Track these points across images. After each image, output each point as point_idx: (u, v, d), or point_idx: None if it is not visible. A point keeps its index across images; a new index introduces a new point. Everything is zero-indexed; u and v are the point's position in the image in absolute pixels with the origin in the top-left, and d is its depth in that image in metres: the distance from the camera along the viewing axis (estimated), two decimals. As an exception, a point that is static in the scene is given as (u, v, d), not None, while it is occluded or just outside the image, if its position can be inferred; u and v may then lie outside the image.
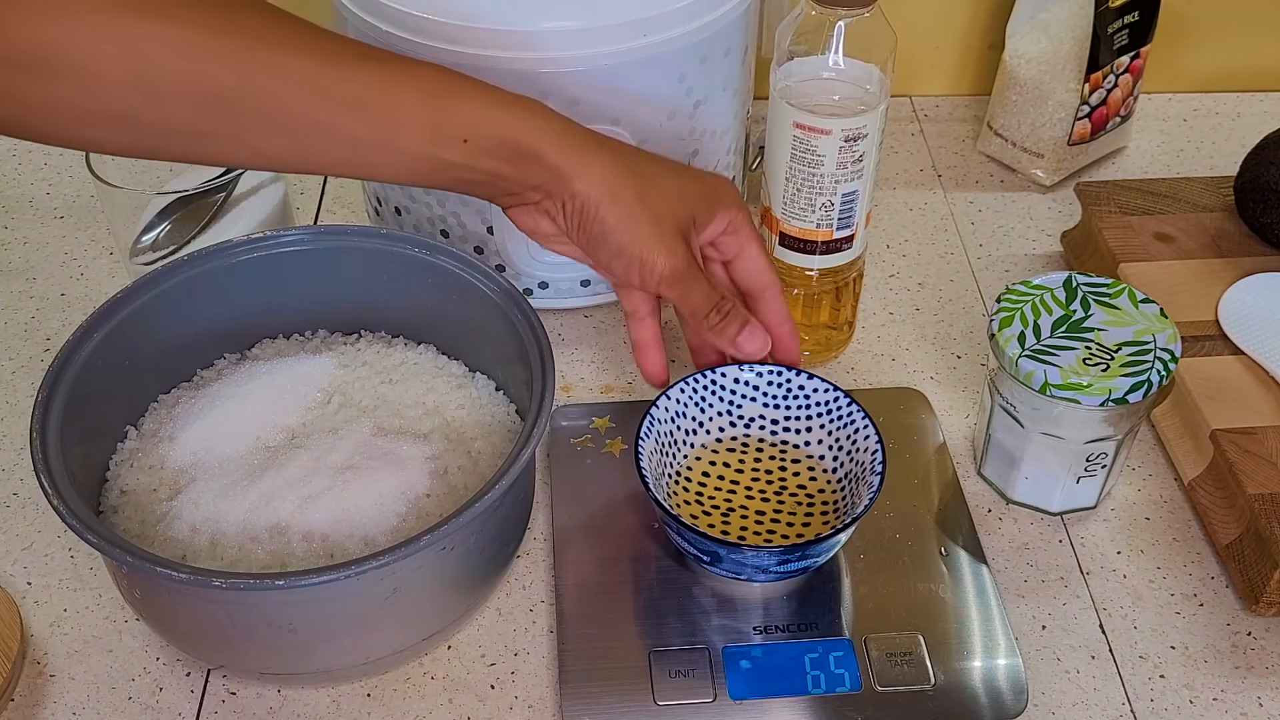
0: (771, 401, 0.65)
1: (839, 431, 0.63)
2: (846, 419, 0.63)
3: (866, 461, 0.61)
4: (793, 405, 0.65)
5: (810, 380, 0.64)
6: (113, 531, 0.55)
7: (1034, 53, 0.86)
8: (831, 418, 0.64)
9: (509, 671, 0.60)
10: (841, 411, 0.63)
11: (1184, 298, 0.73)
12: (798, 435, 0.65)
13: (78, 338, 0.61)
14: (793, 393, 0.64)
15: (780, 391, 0.65)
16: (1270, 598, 0.61)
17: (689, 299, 0.60)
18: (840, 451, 0.63)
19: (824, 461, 0.64)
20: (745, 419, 0.65)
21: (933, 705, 0.58)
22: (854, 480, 0.62)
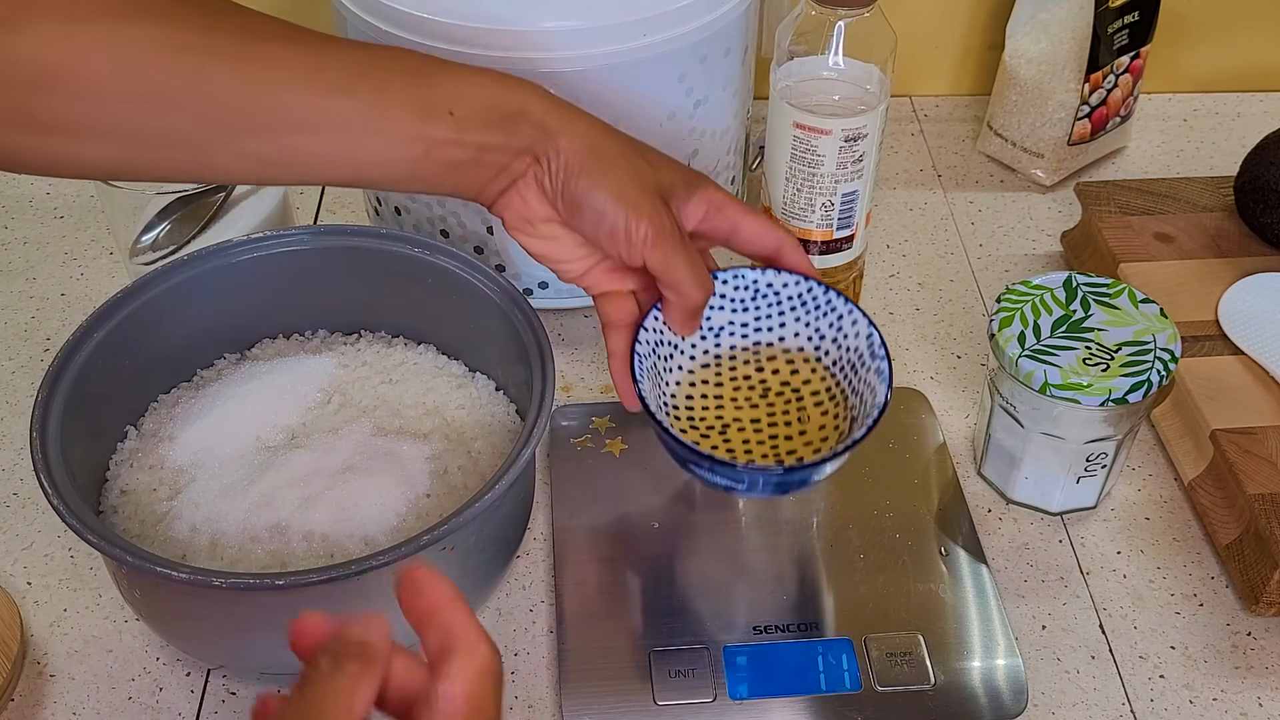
0: (739, 305, 0.62)
1: (818, 321, 0.62)
2: (825, 307, 0.61)
3: (862, 348, 0.60)
4: (762, 305, 0.62)
5: (779, 275, 0.61)
6: (113, 531, 0.55)
7: (1034, 53, 0.86)
8: (808, 309, 0.62)
9: (509, 671, 0.60)
10: (818, 300, 0.61)
11: (1184, 298, 0.73)
12: (770, 333, 0.63)
13: (78, 338, 0.61)
14: (760, 292, 0.62)
15: (748, 294, 0.62)
16: (1270, 598, 0.61)
17: (672, 266, 0.57)
18: (824, 340, 0.62)
19: (804, 352, 0.62)
20: (715, 330, 0.63)
21: (933, 705, 0.58)
22: (851, 368, 0.60)
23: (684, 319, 0.60)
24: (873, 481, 0.68)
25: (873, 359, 0.59)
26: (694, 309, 0.59)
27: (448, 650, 0.41)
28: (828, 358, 0.62)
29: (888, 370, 0.58)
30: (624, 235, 0.56)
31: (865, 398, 0.59)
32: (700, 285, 0.58)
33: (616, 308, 0.61)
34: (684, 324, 0.60)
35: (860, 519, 0.66)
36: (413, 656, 0.42)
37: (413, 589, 0.42)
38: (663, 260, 0.57)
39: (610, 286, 0.61)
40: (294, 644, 0.42)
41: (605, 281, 0.61)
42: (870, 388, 0.59)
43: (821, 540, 0.65)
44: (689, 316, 0.60)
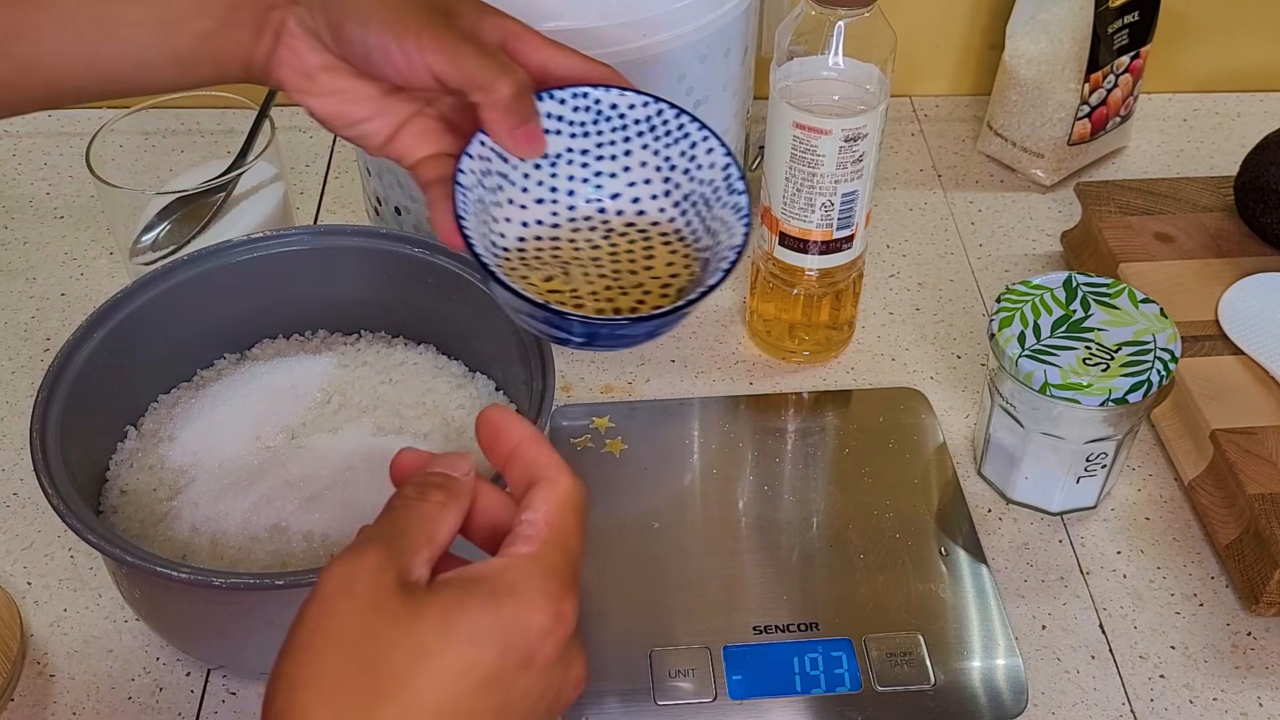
0: (579, 129, 0.55)
1: (669, 149, 0.55)
2: (678, 133, 0.55)
3: (717, 181, 0.54)
4: (605, 129, 0.55)
5: (625, 95, 0.54)
6: (113, 531, 0.55)
7: (1034, 53, 0.86)
8: (657, 135, 0.55)
9: (509, 671, 0.60)
10: (669, 125, 0.55)
11: (1184, 298, 0.73)
12: (614, 161, 0.56)
13: (78, 338, 0.61)
14: (604, 114, 0.54)
15: (588, 116, 0.54)
16: (1270, 598, 0.61)
17: (462, 60, 0.50)
18: (674, 170, 0.55)
19: (650, 184, 0.56)
20: (551, 159, 0.55)
21: (932, 705, 0.58)
22: (705, 202, 0.55)
23: (505, 122, 0.51)
24: (873, 481, 0.68)
25: (729, 193, 0.53)
26: (508, 104, 0.51)
27: (532, 483, 0.42)
28: (678, 191, 0.55)
29: (746, 207, 0.53)
30: (397, 47, 0.50)
31: (721, 237, 0.53)
32: (504, 72, 0.50)
33: (434, 165, 0.53)
34: (508, 130, 0.51)
35: (860, 519, 0.66)
36: (498, 490, 0.43)
37: (492, 430, 0.43)
38: (450, 59, 0.50)
39: (425, 150, 0.54)
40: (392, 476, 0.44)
41: (417, 145, 0.54)
42: (726, 226, 0.53)
43: (821, 540, 0.65)
44: (508, 116, 0.51)
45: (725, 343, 0.78)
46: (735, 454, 0.69)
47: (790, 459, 0.69)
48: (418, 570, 0.39)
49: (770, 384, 0.75)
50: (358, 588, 0.38)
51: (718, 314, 0.80)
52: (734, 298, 0.81)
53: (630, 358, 0.76)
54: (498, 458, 0.43)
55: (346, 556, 0.38)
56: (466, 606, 0.38)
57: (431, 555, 0.40)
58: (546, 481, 0.42)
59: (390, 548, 0.39)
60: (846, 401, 0.73)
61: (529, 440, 0.43)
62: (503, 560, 0.40)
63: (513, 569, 0.39)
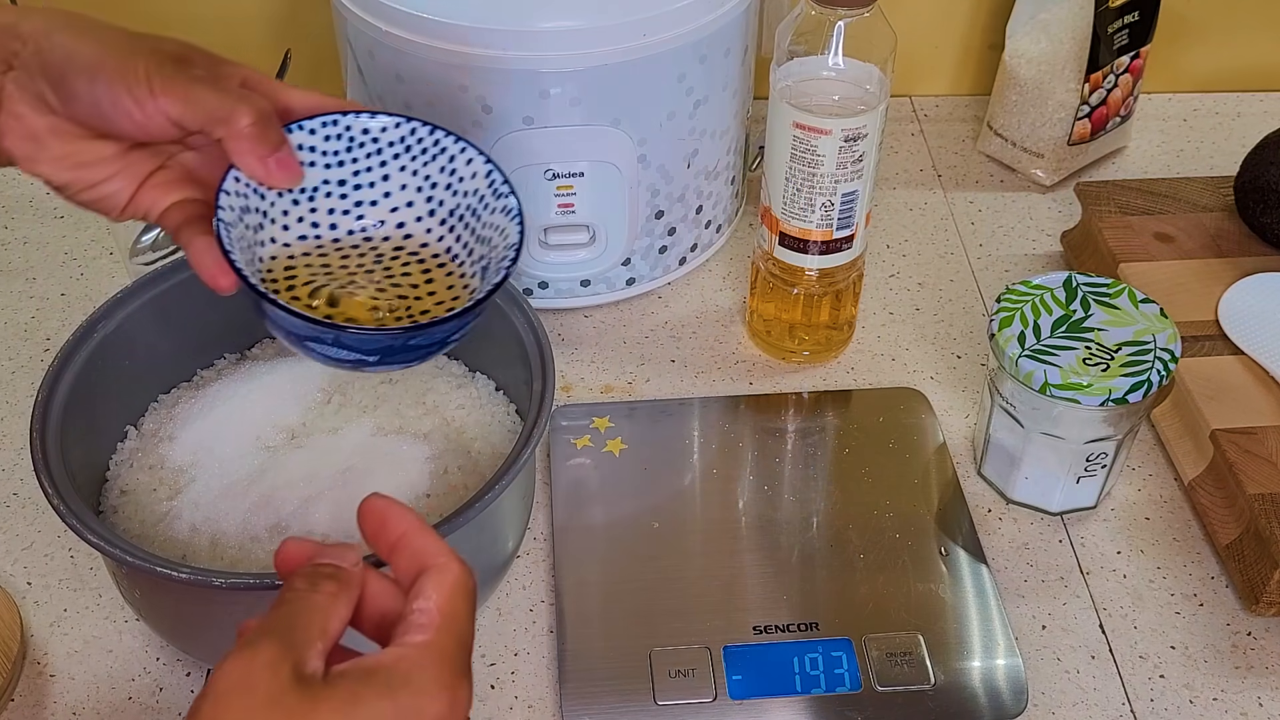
0: (334, 159, 0.53)
1: (427, 168, 0.55)
2: (434, 150, 0.54)
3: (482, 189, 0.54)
4: (359, 155, 0.54)
5: (376, 119, 0.53)
6: (113, 531, 0.55)
7: (1034, 53, 0.86)
8: (413, 155, 0.54)
9: (509, 671, 0.60)
10: (424, 144, 0.54)
11: (1184, 298, 0.73)
12: (374, 189, 0.54)
13: (78, 338, 0.61)
14: (357, 140, 0.53)
15: (341, 145, 0.53)
16: (1270, 598, 0.61)
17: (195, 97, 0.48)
18: (436, 188, 0.55)
19: (414, 207, 0.55)
20: (308, 192, 0.53)
21: (933, 705, 0.58)
22: (473, 214, 0.54)
23: (254, 152, 0.49)
24: (873, 481, 0.68)
25: (496, 198, 0.53)
26: (254, 134, 0.49)
27: (421, 570, 0.41)
28: (442, 208, 0.55)
29: (516, 207, 0.52)
30: (129, 95, 0.48)
31: (495, 241, 0.53)
32: (242, 102, 0.49)
33: (181, 210, 0.51)
34: (259, 160, 0.50)
35: (860, 519, 0.66)
36: (387, 579, 0.43)
37: (378, 520, 0.43)
38: (185, 100, 0.48)
39: (168, 199, 0.51)
40: (277, 567, 0.43)
41: (161, 196, 0.51)
42: (500, 230, 0.53)
43: (821, 540, 0.65)
44: (256, 146, 0.49)
45: (725, 343, 0.78)
46: (735, 454, 0.69)
47: (790, 459, 0.69)
48: (313, 663, 0.38)
49: (770, 384, 0.75)
50: (254, 683, 0.37)
51: (718, 314, 0.80)
52: (734, 298, 0.81)
53: (630, 358, 0.76)
54: (384, 547, 0.43)
55: (240, 652, 0.38)
56: (363, 698, 0.38)
57: (325, 647, 0.39)
58: (436, 569, 0.41)
59: (284, 642, 0.38)
60: (846, 401, 0.73)
61: (415, 529, 0.42)
62: (397, 650, 0.40)
63: (407, 659, 0.39)
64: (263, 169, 0.50)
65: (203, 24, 0.92)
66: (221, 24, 0.93)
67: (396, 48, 0.68)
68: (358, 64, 0.73)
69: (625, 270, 0.77)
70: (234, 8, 0.92)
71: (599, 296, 0.78)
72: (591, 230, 0.74)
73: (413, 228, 0.55)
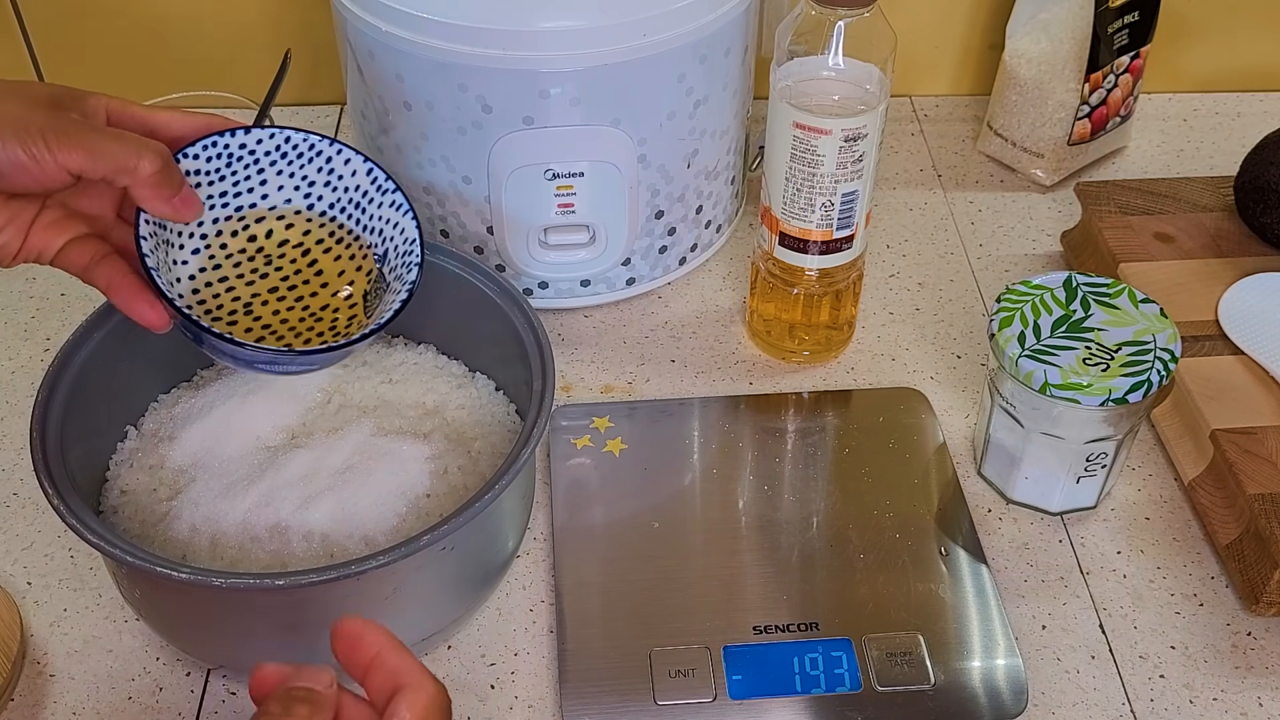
0: (215, 175, 0.57)
1: (305, 169, 0.58)
2: (310, 153, 0.58)
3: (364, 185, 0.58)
4: (239, 168, 0.57)
5: (251, 133, 0.57)
6: (113, 531, 0.55)
7: (1034, 53, 0.86)
8: (289, 160, 0.58)
9: (509, 671, 0.60)
10: (299, 148, 0.58)
11: (1184, 298, 0.73)
12: (252, 194, 0.58)
13: (78, 338, 0.61)
14: (235, 155, 0.57)
15: (222, 162, 0.57)
16: (1270, 598, 0.61)
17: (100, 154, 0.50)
18: (314, 185, 0.59)
19: (292, 204, 0.59)
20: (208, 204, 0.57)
21: (933, 705, 0.58)
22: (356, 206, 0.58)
23: (161, 195, 0.52)
24: (873, 481, 0.68)
25: (381, 194, 0.57)
26: (159, 179, 0.52)
27: (395, 690, 0.41)
28: (321, 202, 0.59)
29: (404, 201, 0.56)
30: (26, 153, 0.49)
31: (389, 234, 0.57)
32: (143, 149, 0.51)
33: (82, 251, 0.54)
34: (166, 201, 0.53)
35: (860, 519, 0.66)
36: (361, 700, 0.43)
37: (350, 641, 0.43)
38: (85, 153, 0.50)
39: (60, 239, 0.54)
40: (252, 692, 0.43)
41: (52, 238, 0.53)
42: (392, 224, 0.57)
43: (821, 540, 0.65)
44: (161, 189, 0.52)
45: (725, 343, 0.78)
46: (735, 454, 0.69)
47: (790, 459, 0.69)
48: None
49: (770, 384, 0.75)
50: None
51: (718, 314, 0.80)
52: (734, 298, 0.81)
53: (630, 358, 0.76)
54: (357, 668, 0.43)
55: None
56: None
57: None
58: (410, 688, 0.41)
59: None
60: (846, 401, 0.73)
61: (389, 648, 0.42)
62: None
63: None
64: (171, 209, 0.53)
65: (203, 24, 0.92)
66: (222, 24, 0.93)
67: (396, 48, 0.68)
68: (358, 64, 0.73)
69: (625, 270, 0.77)
70: (234, 8, 0.92)
71: (599, 296, 0.78)
72: (591, 230, 0.74)
73: (292, 219, 0.59)
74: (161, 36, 0.93)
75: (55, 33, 0.92)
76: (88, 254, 0.54)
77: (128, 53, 0.93)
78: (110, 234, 0.56)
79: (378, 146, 0.75)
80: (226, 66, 0.95)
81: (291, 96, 0.96)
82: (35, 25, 0.92)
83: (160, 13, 0.91)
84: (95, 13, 0.91)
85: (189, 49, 0.94)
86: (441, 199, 0.74)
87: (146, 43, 0.93)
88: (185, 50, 0.94)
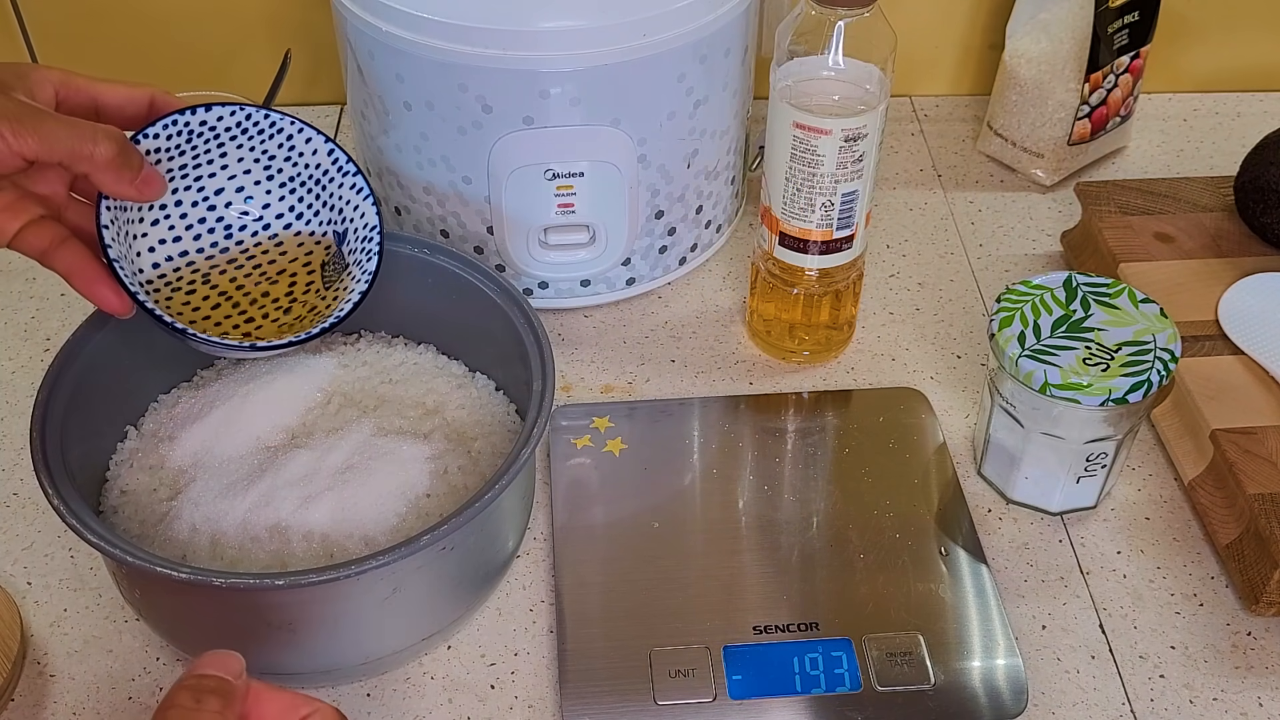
0: (175, 152, 0.58)
1: (266, 144, 0.60)
2: (270, 130, 0.59)
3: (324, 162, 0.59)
4: (199, 144, 0.58)
5: (213, 110, 0.58)
6: (113, 531, 0.55)
7: (1034, 53, 0.86)
8: (249, 135, 0.59)
9: (509, 671, 0.60)
10: (260, 125, 0.59)
11: (1184, 298, 0.73)
12: (211, 165, 0.60)
13: (78, 338, 0.61)
14: (195, 131, 0.58)
15: (182, 139, 0.58)
16: (1270, 598, 0.61)
17: (54, 140, 0.50)
18: (274, 159, 0.60)
19: (251, 174, 0.60)
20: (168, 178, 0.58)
21: (933, 705, 0.58)
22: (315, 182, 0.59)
23: (121, 177, 0.53)
24: (873, 481, 0.68)
25: (342, 175, 0.59)
26: (117, 161, 0.52)
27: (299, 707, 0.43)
28: (281, 174, 0.60)
29: (365, 186, 0.58)
30: None
31: (349, 215, 0.59)
32: (96, 134, 0.51)
33: (40, 235, 0.54)
34: (129, 182, 0.53)
35: (860, 519, 0.66)
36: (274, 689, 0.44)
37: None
38: (39, 140, 0.50)
39: (15, 223, 0.54)
40: None
41: (9, 220, 0.54)
42: (352, 205, 0.58)
43: (821, 540, 0.65)
44: (122, 172, 0.53)
45: (725, 343, 0.78)
46: (735, 454, 0.69)
47: (790, 459, 0.69)
48: None
49: (770, 384, 0.75)
50: None
51: (718, 314, 0.80)
52: (734, 298, 0.81)
53: (630, 358, 0.76)
54: None
55: None
56: None
57: None
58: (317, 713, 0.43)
59: None
60: (846, 401, 0.73)
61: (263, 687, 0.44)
62: None
63: None
64: (134, 191, 0.54)
65: (203, 23, 0.92)
66: (222, 24, 0.93)
67: (396, 48, 0.68)
68: (358, 64, 0.73)
69: (625, 270, 0.77)
70: (234, 7, 0.92)
71: (599, 296, 0.79)
72: (591, 230, 0.74)
73: (253, 191, 0.60)
74: (161, 36, 0.93)
75: (55, 32, 0.92)
76: (46, 238, 0.54)
77: (127, 52, 0.93)
78: (64, 212, 0.56)
79: (378, 146, 0.75)
80: (226, 66, 0.95)
81: (291, 96, 0.96)
82: (35, 24, 0.92)
83: (160, 12, 0.91)
84: (95, 11, 0.91)
85: (189, 48, 0.94)
86: (441, 199, 0.74)
87: (146, 42, 0.93)
88: (185, 50, 0.94)
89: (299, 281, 0.60)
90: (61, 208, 0.56)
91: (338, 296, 0.61)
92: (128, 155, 0.53)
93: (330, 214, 0.59)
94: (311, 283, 0.61)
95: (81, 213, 0.57)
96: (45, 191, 0.56)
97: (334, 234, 0.58)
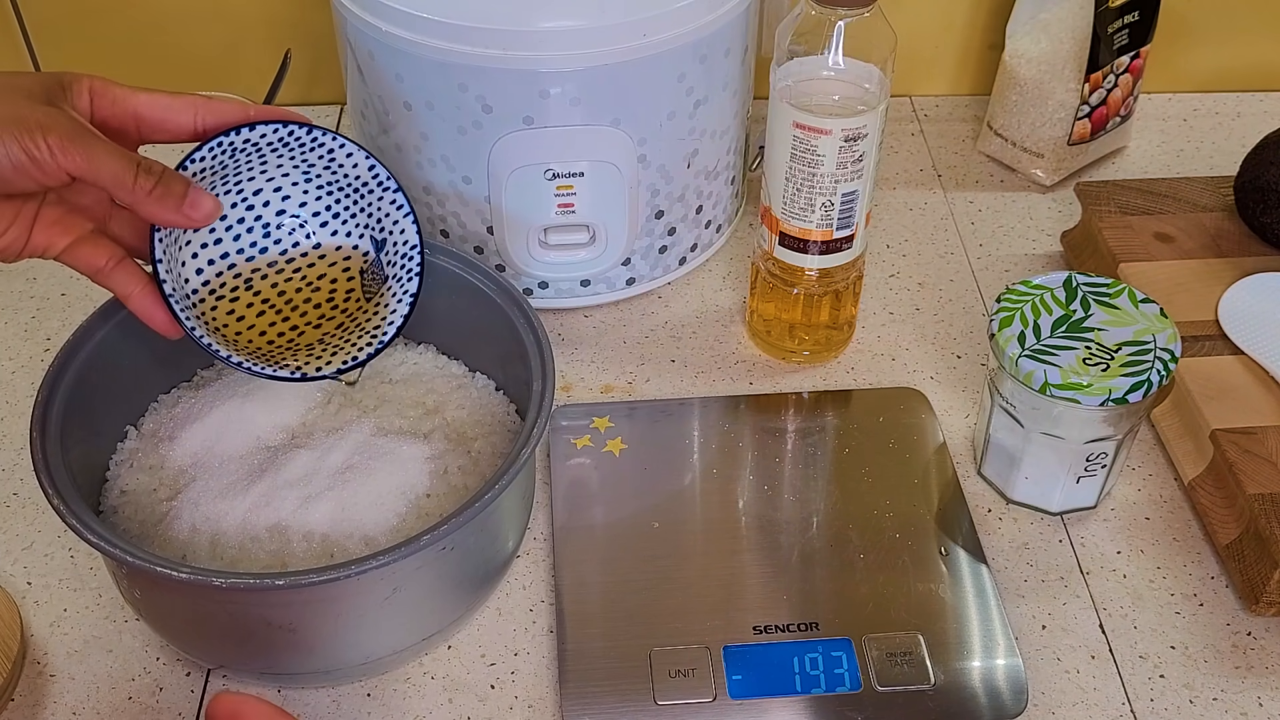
0: (220, 167, 0.58)
1: (308, 155, 0.60)
2: (312, 144, 0.59)
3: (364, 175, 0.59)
4: (242, 161, 0.59)
5: (255, 130, 0.57)
6: (113, 531, 0.55)
7: (1034, 53, 0.86)
8: (291, 150, 0.59)
9: (509, 671, 0.60)
10: (301, 140, 0.59)
11: (1184, 298, 0.73)
12: (253, 182, 0.60)
13: (78, 338, 0.61)
14: (239, 149, 0.58)
15: (226, 156, 0.58)
16: (1270, 598, 0.61)
17: (99, 164, 0.50)
18: (313, 168, 0.60)
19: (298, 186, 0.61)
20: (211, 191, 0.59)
21: (933, 705, 0.58)
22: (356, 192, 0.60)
23: (167, 206, 0.53)
24: (873, 481, 0.68)
25: (382, 189, 0.59)
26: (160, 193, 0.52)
27: None
28: (320, 179, 0.61)
29: (406, 203, 0.58)
30: (23, 153, 0.49)
31: (388, 227, 0.60)
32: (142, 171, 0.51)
33: (95, 253, 0.55)
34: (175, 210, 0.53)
35: (860, 519, 0.66)
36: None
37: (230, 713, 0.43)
38: (86, 158, 0.50)
39: (65, 239, 0.54)
40: None
41: (57, 236, 0.54)
42: (391, 219, 0.59)
43: (821, 540, 0.65)
44: (165, 200, 0.52)
45: (725, 343, 0.78)
46: (735, 454, 0.69)
47: (790, 459, 0.69)
48: None
49: (770, 384, 0.75)
50: None
51: (718, 314, 0.80)
52: (734, 298, 0.81)
53: (630, 358, 0.76)
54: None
55: None
56: None
57: None
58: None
59: None
60: (846, 401, 0.73)
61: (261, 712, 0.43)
62: None
63: None
64: (182, 218, 0.54)
65: (203, 23, 0.92)
66: (222, 24, 0.93)
67: (396, 48, 0.68)
68: (358, 64, 0.73)
69: (625, 270, 0.77)
70: (234, 8, 0.92)
71: (599, 296, 0.79)
72: (591, 230, 0.74)
73: (290, 191, 0.61)
74: (161, 36, 0.93)
75: (55, 32, 0.92)
76: (101, 257, 0.55)
77: (127, 52, 0.93)
78: (109, 224, 0.56)
79: (378, 146, 0.75)
80: (227, 66, 0.95)
81: (291, 96, 0.96)
82: (35, 24, 0.92)
83: (160, 12, 0.91)
84: (95, 11, 0.91)
85: (189, 48, 0.94)
86: (441, 199, 0.74)
87: (146, 42, 0.93)
88: (185, 49, 0.94)
89: (339, 288, 0.61)
90: (106, 217, 0.56)
91: (378, 310, 0.61)
92: (171, 184, 0.53)
93: (369, 221, 0.59)
94: (351, 290, 0.61)
95: (125, 223, 0.57)
96: (88, 202, 0.56)
97: (372, 240, 0.58)
